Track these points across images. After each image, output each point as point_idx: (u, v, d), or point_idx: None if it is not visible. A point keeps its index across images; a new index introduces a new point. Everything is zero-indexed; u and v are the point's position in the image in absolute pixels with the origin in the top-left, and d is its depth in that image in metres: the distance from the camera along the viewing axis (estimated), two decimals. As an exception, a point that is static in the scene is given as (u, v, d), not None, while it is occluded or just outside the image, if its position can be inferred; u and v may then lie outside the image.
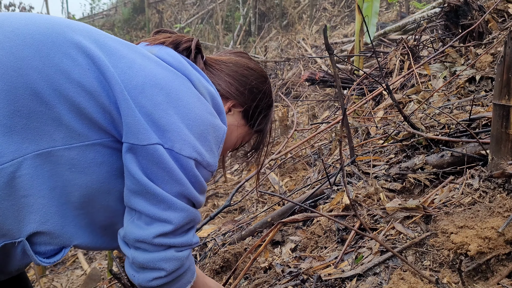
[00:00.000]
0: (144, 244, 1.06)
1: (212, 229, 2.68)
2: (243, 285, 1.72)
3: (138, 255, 1.08)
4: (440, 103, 2.39)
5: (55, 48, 1.00)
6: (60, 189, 1.02)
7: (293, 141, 3.99)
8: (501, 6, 2.92)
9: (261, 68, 1.36)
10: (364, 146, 2.40)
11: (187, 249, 1.14)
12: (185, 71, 1.13)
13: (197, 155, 1.06)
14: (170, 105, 1.05)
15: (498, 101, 1.39)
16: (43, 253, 1.06)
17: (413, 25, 4.95)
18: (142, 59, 1.09)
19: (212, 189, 4.29)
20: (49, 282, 3.66)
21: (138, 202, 1.05)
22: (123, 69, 1.04)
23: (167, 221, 1.06)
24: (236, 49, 1.38)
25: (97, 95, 1.00)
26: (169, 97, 1.05)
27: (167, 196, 1.05)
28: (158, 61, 1.12)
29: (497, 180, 1.48)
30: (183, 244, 1.11)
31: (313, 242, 1.80)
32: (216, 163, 1.14)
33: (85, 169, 1.03)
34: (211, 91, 1.16)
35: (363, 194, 1.75)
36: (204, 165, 1.09)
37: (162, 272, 1.09)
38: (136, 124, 1.01)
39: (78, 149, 1.02)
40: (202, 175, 1.10)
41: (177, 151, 1.04)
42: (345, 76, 3.68)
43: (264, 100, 1.34)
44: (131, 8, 12.81)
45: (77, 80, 0.99)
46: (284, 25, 9.62)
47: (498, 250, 1.27)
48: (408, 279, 1.29)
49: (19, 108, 0.96)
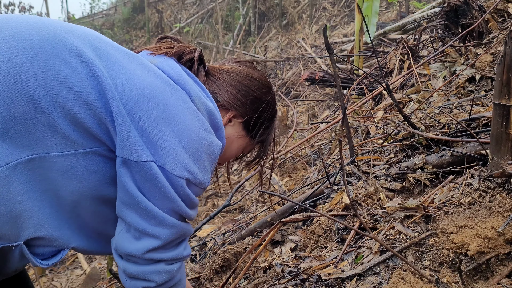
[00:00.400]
0: (134, 258, 1.08)
1: (212, 228, 2.68)
2: (243, 284, 1.72)
3: (129, 266, 1.10)
4: (440, 102, 2.39)
5: (54, 55, 0.99)
6: (51, 192, 1.02)
7: (293, 141, 3.99)
8: (501, 5, 2.93)
9: (265, 78, 1.34)
10: (364, 145, 2.40)
11: (178, 262, 1.16)
12: (184, 85, 1.12)
13: (188, 175, 1.06)
14: (166, 122, 1.04)
15: (498, 100, 1.39)
16: (41, 254, 1.06)
17: (413, 25, 4.95)
18: (142, 71, 1.08)
19: (212, 188, 4.29)
20: (48, 282, 3.66)
21: (129, 214, 1.06)
22: (121, 81, 1.03)
23: (156, 236, 1.07)
24: (240, 58, 1.35)
25: (94, 106, 1.00)
26: (166, 113, 1.04)
27: (158, 212, 1.06)
28: (158, 73, 1.10)
29: (497, 179, 1.48)
30: (173, 258, 1.13)
31: (313, 241, 1.80)
32: (209, 180, 1.14)
33: (77, 176, 1.03)
34: (209, 107, 1.14)
35: (363, 193, 1.75)
36: (196, 183, 1.09)
37: (152, 283, 1.11)
38: (130, 140, 1.01)
39: (72, 157, 1.01)
40: (193, 192, 1.11)
41: (169, 170, 1.04)
42: (345, 76, 3.68)
43: (267, 111, 1.31)
44: (131, 8, 12.80)
45: (75, 89, 0.98)
46: (284, 24, 9.62)
47: (498, 250, 1.27)
48: (408, 278, 1.29)
49: (15, 114, 0.95)
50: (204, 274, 1.94)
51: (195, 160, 1.07)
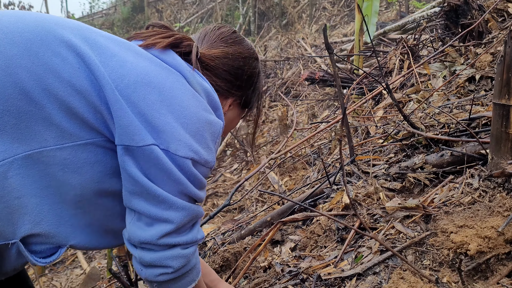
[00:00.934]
0: (150, 245, 1.07)
1: (212, 228, 2.68)
2: (242, 284, 1.72)
3: (145, 254, 1.08)
4: (440, 102, 2.39)
5: (44, 46, 0.98)
6: (54, 188, 1.02)
7: (292, 141, 3.99)
8: (500, 5, 2.93)
9: (251, 49, 1.33)
10: (363, 145, 2.40)
11: (193, 245, 1.14)
12: (179, 67, 1.11)
13: (193, 154, 1.05)
14: (163, 104, 1.03)
15: (498, 100, 1.39)
16: (39, 252, 1.06)
17: (412, 25, 4.95)
18: (135, 57, 1.07)
19: (212, 188, 4.29)
20: (48, 281, 3.66)
21: (138, 203, 1.05)
22: (114, 68, 1.02)
23: (168, 220, 1.06)
24: (223, 31, 1.30)
25: (88, 94, 0.99)
26: (163, 95, 1.04)
27: (167, 196, 1.04)
28: (151, 58, 1.10)
29: (497, 179, 1.48)
30: (188, 242, 1.11)
31: (312, 241, 1.80)
32: (214, 159, 1.13)
33: (78, 169, 1.02)
34: (206, 88, 1.14)
35: (363, 193, 1.75)
36: (202, 162, 1.08)
37: (169, 269, 1.10)
38: (130, 126, 1.00)
39: (70, 149, 1.01)
40: (201, 172, 1.09)
41: (173, 152, 1.02)
42: (345, 76, 3.68)
43: (257, 79, 1.35)
44: (131, 7, 12.80)
45: (67, 79, 0.98)
46: (284, 24, 9.62)
47: (498, 250, 1.27)
48: (408, 278, 1.29)
49: (8, 108, 0.95)
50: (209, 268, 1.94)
51: (198, 140, 1.06)
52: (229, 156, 5.21)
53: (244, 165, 4.63)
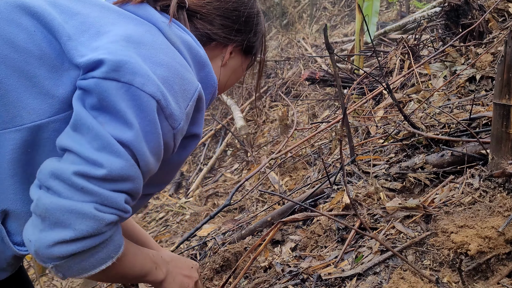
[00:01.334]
0: (58, 181, 0.83)
1: (212, 228, 2.68)
2: (243, 284, 1.72)
3: (45, 196, 0.84)
4: (440, 102, 2.39)
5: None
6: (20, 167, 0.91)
7: (293, 140, 3.99)
8: (501, 5, 2.93)
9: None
10: (364, 145, 2.40)
11: (113, 213, 0.87)
12: (151, 19, 1.00)
13: (161, 96, 0.88)
14: (129, 45, 0.90)
15: (498, 100, 1.39)
16: (20, 244, 0.97)
17: (413, 25, 4.95)
18: (100, 11, 0.98)
19: (212, 188, 4.29)
20: (49, 281, 3.67)
21: (69, 137, 0.87)
22: (75, 25, 0.93)
23: (97, 163, 0.83)
24: None
25: (47, 58, 0.91)
26: (129, 40, 0.91)
27: (105, 134, 0.84)
28: (119, 11, 1.00)
29: (497, 179, 1.48)
30: (108, 201, 0.85)
31: (313, 241, 1.80)
32: (182, 121, 0.93)
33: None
34: (186, 40, 1.01)
35: (363, 193, 1.75)
36: (167, 114, 0.89)
37: (69, 231, 0.82)
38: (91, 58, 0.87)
39: (28, 131, 0.89)
40: (162, 128, 0.90)
41: (138, 86, 0.85)
42: (345, 76, 3.68)
43: (258, 21, 1.22)
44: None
45: (23, 46, 0.90)
46: (284, 24, 9.61)
47: (498, 250, 1.27)
48: (408, 278, 1.29)
49: None
50: (204, 273, 1.94)
51: (166, 87, 0.90)
52: (229, 156, 5.22)
53: (244, 165, 4.63)
